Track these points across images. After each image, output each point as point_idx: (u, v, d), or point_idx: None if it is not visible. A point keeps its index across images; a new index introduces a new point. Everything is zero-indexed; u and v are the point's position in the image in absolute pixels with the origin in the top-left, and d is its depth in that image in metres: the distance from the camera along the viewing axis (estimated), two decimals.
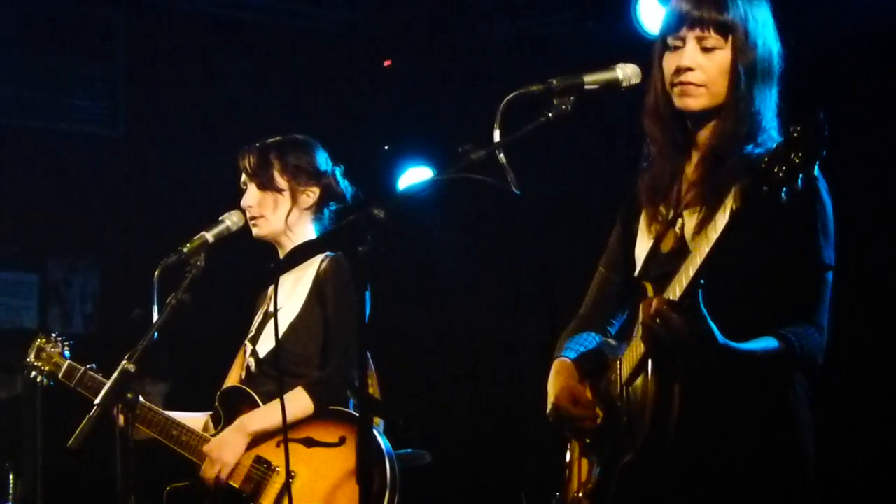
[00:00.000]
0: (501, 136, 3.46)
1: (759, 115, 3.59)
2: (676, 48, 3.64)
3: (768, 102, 3.61)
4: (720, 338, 3.33)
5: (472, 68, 7.53)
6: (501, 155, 3.43)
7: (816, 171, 3.13)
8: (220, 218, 5.10)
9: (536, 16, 7.38)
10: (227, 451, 4.98)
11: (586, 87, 3.55)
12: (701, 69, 3.60)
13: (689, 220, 3.60)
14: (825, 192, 3.54)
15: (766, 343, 3.43)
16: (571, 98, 3.52)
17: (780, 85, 3.65)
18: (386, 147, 8.14)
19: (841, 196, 3.59)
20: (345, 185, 5.27)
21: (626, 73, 3.61)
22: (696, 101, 3.62)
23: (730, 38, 3.59)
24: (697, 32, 3.61)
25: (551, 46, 7.23)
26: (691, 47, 3.61)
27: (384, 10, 7.59)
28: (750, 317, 3.47)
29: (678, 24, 3.64)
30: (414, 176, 7.90)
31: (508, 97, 3.49)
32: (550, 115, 3.52)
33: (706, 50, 3.61)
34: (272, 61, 7.84)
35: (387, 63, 7.99)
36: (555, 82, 3.54)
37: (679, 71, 3.61)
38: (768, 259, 3.43)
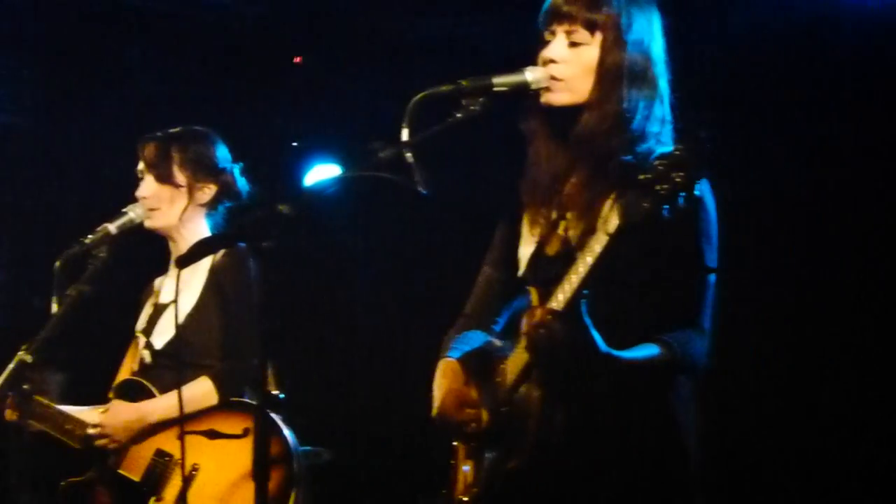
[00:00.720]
0: (410, 135, 3.46)
1: (629, 117, 3.58)
2: (549, 42, 3.66)
3: (644, 107, 3.60)
4: (603, 347, 3.35)
5: (383, 67, 7.52)
6: (409, 154, 3.43)
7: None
8: (124, 210, 5.08)
9: (452, 15, 7.38)
10: (122, 431, 4.94)
11: (495, 88, 3.56)
12: (564, 62, 3.61)
13: (573, 224, 3.61)
14: (708, 195, 3.57)
15: (648, 350, 3.46)
16: (480, 99, 3.53)
17: (670, 93, 3.65)
18: (294, 143, 8.11)
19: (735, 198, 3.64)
20: (242, 184, 5.26)
21: (536, 75, 3.62)
22: (556, 97, 3.63)
23: (598, 35, 3.61)
24: (566, 26, 3.62)
25: (467, 46, 7.24)
26: (557, 41, 3.63)
27: (295, 5, 7.56)
28: (634, 323, 3.49)
29: (550, 18, 3.66)
30: (321, 173, 7.88)
31: (417, 97, 3.50)
32: (459, 115, 3.53)
33: (574, 45, 3.62)
34: (181, 54, 7.78)
35: (297, 59, 7.96)
36: (464, 83, 3.55)
37: (544, 63, 3.63)
38: (651, 265, 3.45)
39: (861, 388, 6.33)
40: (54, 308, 4.79)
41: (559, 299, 3.33)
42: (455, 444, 3.80)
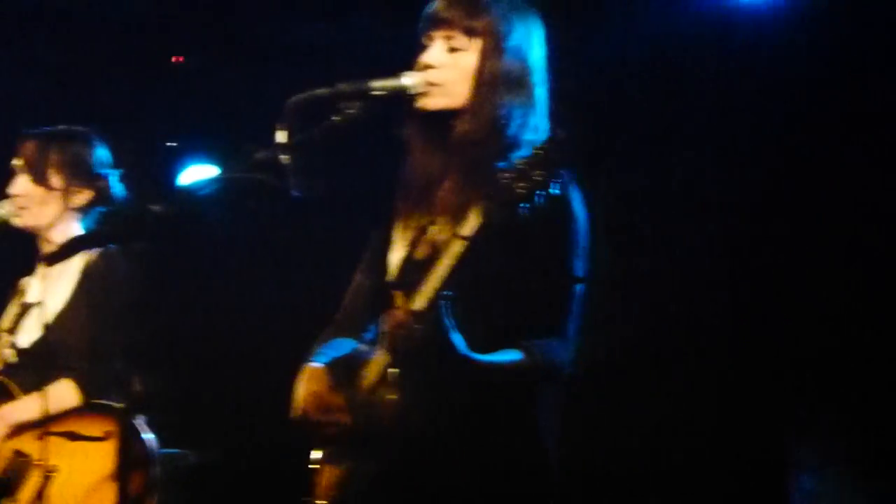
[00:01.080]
0: (288, 137, 3.46)
1: (504, 124, 3.58)
2: (427, 48, 3.67)
3: (520, 115, 3.60)
4: (462, 349, 3.37)
5: (262, 68, 7.50)
6: (284, 157, 3.43)
7: (564, 186, 3.30)
8: None
9: (331, 18, 7.38)
10: None
11: (373, 92, 3.56)
12: (442, 68, 3.62)
13: (442, 229, 3.61)
14: (577, 203, 3.60)
15: (510, 355, 3.47)
16: (358, 103, 3.54)
17: (548, 102, 3.67)
18: (170, 144, 8.04)
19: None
20: (118, 190, 5.19)
21: (413, 80, 3.62)
22: (430, 101, 3.63)
23: (477, 41, 3.62)
24: (445, 32, 3.63)
25: (346, 50, 7.24)
26: (436, 46, 3.64)
27: (175, 5, 7.50)
28: (498, 328, 3.50)
29: (429, 23, 3.67)
30: (196, 173, 7.84)
31: (293, 99, 3.50)
32: (336, 119, 3.54)
33: (453, 50, 3.63)
34: (59, 50, 7.68)
35: (176, 59, 7.89)
36: (342, 87, 3.55)
37: (422, 69, 3.64)
38: (515, 270, 3.47)
39: (727, 394, 6.43)
40: None
41: (419, 301, 3.33)
42: (316, 447, 3.78)
